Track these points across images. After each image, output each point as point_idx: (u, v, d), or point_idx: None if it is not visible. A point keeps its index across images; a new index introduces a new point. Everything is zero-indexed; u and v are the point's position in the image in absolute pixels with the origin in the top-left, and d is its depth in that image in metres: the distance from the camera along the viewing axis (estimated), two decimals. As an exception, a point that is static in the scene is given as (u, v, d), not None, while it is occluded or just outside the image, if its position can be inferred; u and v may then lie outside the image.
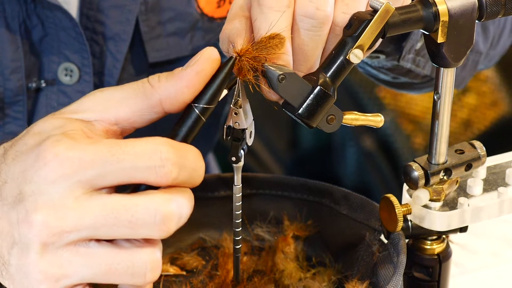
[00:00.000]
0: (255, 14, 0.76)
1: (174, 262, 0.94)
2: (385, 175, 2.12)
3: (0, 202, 0.69)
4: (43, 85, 1.05)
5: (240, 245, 0.85)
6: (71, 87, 1.06)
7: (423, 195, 0.85)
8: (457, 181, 0.87)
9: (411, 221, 0.86)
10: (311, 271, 0.93)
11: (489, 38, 1.22)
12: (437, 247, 0.88)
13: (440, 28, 0.77)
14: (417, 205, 0.85)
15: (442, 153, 0.84)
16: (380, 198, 0.86)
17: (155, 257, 0.69)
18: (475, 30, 0.79)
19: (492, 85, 2.14)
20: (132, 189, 0.69)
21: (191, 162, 0.69)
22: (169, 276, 0.93)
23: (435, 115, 0.83)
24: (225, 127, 0.78)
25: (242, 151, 0.79)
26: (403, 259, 0.82)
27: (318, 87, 0.75)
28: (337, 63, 0.76)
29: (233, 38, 0.77)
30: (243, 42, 0.75)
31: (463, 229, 0.88)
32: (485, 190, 0.88)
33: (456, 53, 0.79)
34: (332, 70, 0.76)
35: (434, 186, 0.85)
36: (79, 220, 0.67)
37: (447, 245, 0.89)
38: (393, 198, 0.85)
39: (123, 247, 0.68)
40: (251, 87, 0.75)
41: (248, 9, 0.78)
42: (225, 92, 0.74)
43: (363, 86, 2.09)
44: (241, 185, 0.82)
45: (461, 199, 0.86)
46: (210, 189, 0.95)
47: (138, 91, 0.72)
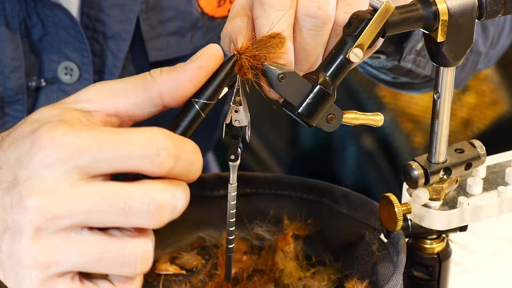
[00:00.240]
0: (257, 12, 0.76)
1: (174, 261, 0.94)
2: (385, 174, 2.12)
3: None
4: (43, 84, 1.05)
5: (233, 245, 0.84)
6: (71, 86, 1.06)
7: (423, 194, 0.85)
8: (457, 180, 0.87)
9: (411, 220, 0.86)
10: (311, 270, 0.93)
11: (489, 39, 1.22)
12: (437, 246, 0.88)
13: (440, 27, 0.77)
14: (417, 204, 0.85)
15: (442, 152, 0.84)
16: (380, 197, 0.86)
17: (146, 247, 0.69)
18: (475, 29, 0.79)
19: (492, 84, 2.14)
20: (129, 179, 0.69)
21: (188, 154, 0.69)
22: (169, 275, 0.93)
23: (435, 114, 0.83)
24: (224, 124, 0.78)
25: (238, 149, 0.79)
26: (402, 258, 0.82)
27: (318, 86, 0.75)
28: (337, 62, 0.76)
29: (235, 36, 0.77)
30: (244, 40, 0.75)
31: (463, 228, 0.88)
32: (485, 189, 0.88)
33: (456, 52, 0.79)
34: (332, 69, 0.76)
35: (434, 185, 0.85)
36: (73, 205, 0.66)
37: (447, 244, 0.89)
38: (392, 197, 0.85)
39: (115, 236, 0.68)
40: (248, 87, 0.75)
41: (250, 8, 0.78)
42: (225, 90, 0.74)
43: (363, 85, 2.10)
44: (236, 184, 0.81)
45: (461, 198, 0.86)
46: (210, 188, 0.95)
47: (138, 83, 0.72)
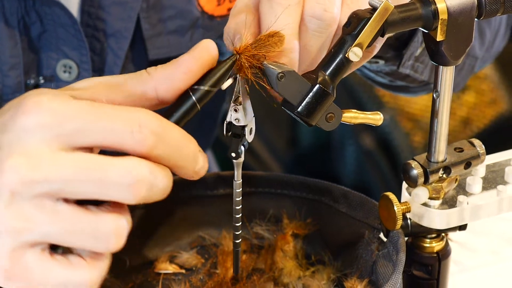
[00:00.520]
0: (264, 9, 0.77)
1: (173, 261, 0.94)
2: (385, 173, 2.12)
3: None
4: (42, 81, 1.05)
5: (240, 240, 0.84)
6: (70, 83, 1.05)
7: (422, 193, 0.85)
8: (456, 179, 0.87)
9: (410, 219, 0.86)
10: (310, 269, 0.93)
11: (485, 43, 1.22)
12: (436, 245, 0.88)
13: (439, 26, 0.77)
14: (416, 203, 0.85)
15: (441, 151, 0.84)
16: (380, 196, 0.86)
17: (121, 224, 0.68)
18: (474, 28, 0.79)
19: (491, 83, 2.14)
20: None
21: (174, 138, 0.69)
22: (168, 274, 0.93)
23: (434, 113, 0.83)
24: (225, 123, 0.78)
25: (242, 147, 0.79)
26: (402, 257, 0.82)
27: (317, 85, 0.75)
28: (336, 61, 0.76)
29: (239, 30, 0.77)
30: (248, 36, 0.75)
31: (462, 227, 0.88)
32: (484, 188, 0.88)
33: (455, 51, 0.79)
34: (332, 68, 0.76)
35: (433, 184, 0.85)
36: (51, 171, 0.66)
37: (446, 243, 0.89)
38: (392, 196, 0.85)
39: (90, 209, 0.68)
40: (247, 87, 0.75)
41: (254, 6, 0.78)
42: (229, 81, 0.74)
43: (362, 84, 2.10)
44: (241, 180, 0.82)
45: (460, 197, 0.86)
46: (209, 188, 0.95)
47: (134, 77, 0.72)
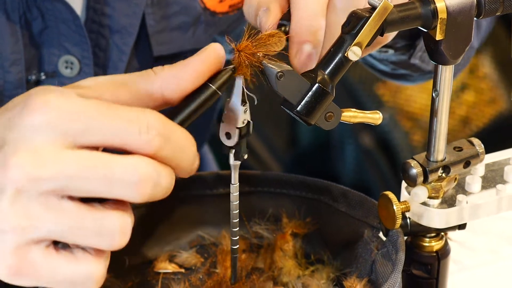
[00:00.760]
0: None
1: (173, 260, 0.94)
2: (384, 173, 2.12)
3: None
4: (43, 77, 1.05)
5: (238, 246, 0.84)
6: (71, 79, 1.06)
7: (421, 192, 0.85)
8: (456, 178, 0.87)
9: (409, 218, 0.86)
10: (309, 268, 0.93)
11: (481, 33, 1.23)
12: (435, 245, 0.88)
13: (438, 25, 0.77)
14: (416, 203, 0.85)
15: (440, 150, 0.84)
16: (379, 195, 0.86)
17: (126, 221, 0.68)
18: (473, 27, 0.79)
19: (491, 82, 2.14)
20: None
21: (178, 139, 0.69)
22: (167, 273, 0.93)
23: (433, 112, 0.83)
24: (237, 129, 0.77)
25: (233, 151, 0.78)
26: (401, 256, 0.82)
27: (317, 85, 0.75)
28: (335, 60, 0.76)
29: (266, 3, 0.77)
30: (276, 11, 0.75)
31: (462, 226, 0.88)
32: (484, 187, 0.88)
33: (454, 50, 0.79)
34: (331, 67, 0.76)
35: (432, 183, 0.85)
36: (57, 169, 0.66)
37: (446, 243, 0.89)
38: (391, 195, 0.85)
39: (94, 207, 0.68)
40: (244, 87, 0.75)
41: None
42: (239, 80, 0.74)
43: (361, 83, 2.10)
44: (238, 184, 0.82)
45: (460, 197, 0.86)
46: (209, 187, 0.95)
47: (140, 76, 0.73)
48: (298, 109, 0.76)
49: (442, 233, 0.89)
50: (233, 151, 0.78)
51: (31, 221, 0.66)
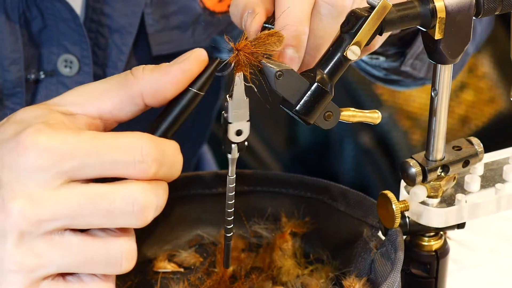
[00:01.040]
0: None
1: (172, 259, 0.94)
2: (383, 172, 2.12)
3: None
4: (42, 76, 1.05)
5: (232, 233, 0.83)
6: (70, 78, 1.06)
7: (420, 191, 0.85)
8: (455, 177, 0.87)
9: (408, 217, 0.86)
10: (308, 268, 0.93)
11: (476, 39, 1.23)
12: (434, 244, 0.88)
13: (437, 24, 0.77)
14: (415, 202, 0.85)
15: (439, 149, 0.84)
16: (378, 194, 0.86)
17: (130, 246, 0.69)
18: (472, 26, 0.79)
19: (490, 81, 2.14)
20: (111, 180, 0.69)
21: (170, 157, 0.69)
22: (166, 273, 0.93)
23: (432, 111, 0.83)
24: (247, 122, 0.77)
25: (233, 146, 0.78)
26: (400, 255, 0.82)
27: (316, 84, 0.75)
28: (334, 60, 0.76)
29: (251, 6, 0.76)
30: (261, 14, 0.75)
31: (461, 226, 0.88)
32: (483, 186, 0.88)
33: (453, 50, 0.79)
34: (330, 66, 0.76)
35: (431, 182, 0.85)
36: (57, 209, 0.66)
37: (445, 242, 0.89)
38: (390, 194, 0.85)
39: (98, 237, 0.68)
40: (242, 85, 0.75)
41: None
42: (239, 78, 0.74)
43: (360, 83, 2.10)
44: (235, 176, 0.81)
45: (459, 196, 0.86)
46: (208, 186, 0.95)
47: (120, 82, 0.72)
48: (297, 108, 0.76)
49: (441, 232, 0.89)
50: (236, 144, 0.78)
51: (38, 260, 0.67)
